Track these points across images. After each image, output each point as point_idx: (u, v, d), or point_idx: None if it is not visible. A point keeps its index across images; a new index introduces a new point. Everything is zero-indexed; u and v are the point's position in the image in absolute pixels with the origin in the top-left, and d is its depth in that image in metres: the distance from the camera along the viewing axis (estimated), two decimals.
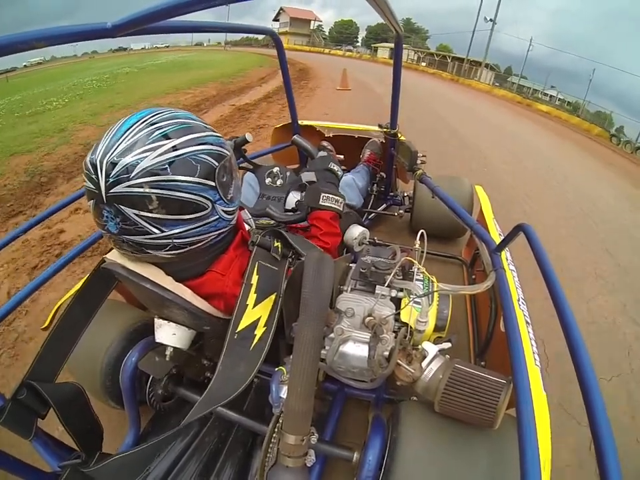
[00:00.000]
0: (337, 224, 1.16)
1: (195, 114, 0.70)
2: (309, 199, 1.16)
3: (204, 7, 0.44)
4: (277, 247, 0.81)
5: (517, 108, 11.81)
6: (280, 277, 0.79)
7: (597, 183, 4.45)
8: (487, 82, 17.98)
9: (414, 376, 0.73)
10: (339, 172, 1.28)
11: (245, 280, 0.75)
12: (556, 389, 1.36)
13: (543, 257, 0.74)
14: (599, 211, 3.27)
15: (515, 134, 6.51)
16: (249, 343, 0.72)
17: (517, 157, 4.67)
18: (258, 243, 0.80)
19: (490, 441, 0.70)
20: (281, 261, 0.82)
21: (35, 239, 2.33)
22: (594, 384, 0.50)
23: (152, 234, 0.62)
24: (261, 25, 1.53)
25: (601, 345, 1.66)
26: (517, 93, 15.22)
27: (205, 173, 0.63)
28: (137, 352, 0.96)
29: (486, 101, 11.67)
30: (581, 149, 7.10)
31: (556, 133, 8.19)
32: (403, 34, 1.26)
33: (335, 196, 1.17)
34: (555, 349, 1.51)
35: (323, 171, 1.24)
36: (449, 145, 4.68)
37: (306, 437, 0.71)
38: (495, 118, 8.07)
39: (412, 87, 10.31)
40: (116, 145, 0.58)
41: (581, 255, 2.44)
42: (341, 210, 1.18)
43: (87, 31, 0.48)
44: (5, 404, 0.69)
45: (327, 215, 1.14)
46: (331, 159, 1.30)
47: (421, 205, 1.96)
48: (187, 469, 0.91)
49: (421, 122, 5.68)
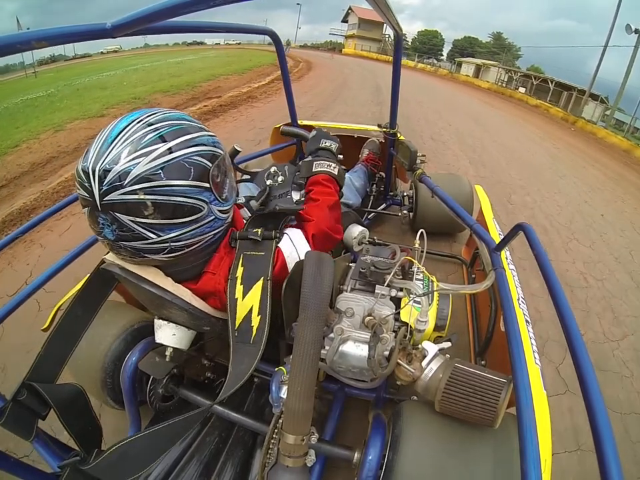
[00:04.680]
0: (331, 185, 1.11)
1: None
2: (304, 172, 1.14)
3: (204, 7, 0.44)
4: (257, 232, 0.78)
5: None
6: (266, 261, 0.76)
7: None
8: (593, 119, 11.20)
9: (414, 375, 0.73)
10: (332, 146, 1.23)
11: (230, 275, 0.74)
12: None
13: (543, 256, 0.74)
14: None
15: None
16: (249, 336, 0.71)
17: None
18: (238, 237, 0.79)
19: (490, 440, 0.70)
20: (264, 243, 0.79)
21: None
22: (594, 383, 0.50)
23: (149, 239, 0.62)
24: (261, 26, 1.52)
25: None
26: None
27: (198, 175, 0.63)
28: (137, 352, 0.96)
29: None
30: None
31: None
32: (402, 33, 1.26)
33: (326, 161, 1.14)
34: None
35: (316, 150, 1.22)
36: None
37: (306, 437, 0.71)
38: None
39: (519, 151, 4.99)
40: (108, 151, 0.57)
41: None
42: (335, 173, 1.14)
43: (86, 31, 0.48)
44: (5, 405, 0.68)
45: (319, 177, 1.11)
46: (323, 134, 1.26)
47: (424, 204, 1.96)
48: (187, 468, 0.91)
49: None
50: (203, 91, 7.40)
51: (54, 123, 5.10)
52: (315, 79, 10.28)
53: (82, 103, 6.58)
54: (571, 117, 11.02)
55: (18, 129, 5.13)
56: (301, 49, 33.31)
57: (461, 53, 36.35)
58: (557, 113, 11.88)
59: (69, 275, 1.09)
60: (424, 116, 6.32)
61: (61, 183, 3.13)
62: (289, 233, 0.88)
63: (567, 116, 11.24)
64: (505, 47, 37.11)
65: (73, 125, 4.99)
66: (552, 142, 6.49)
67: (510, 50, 36.58)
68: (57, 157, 3.86)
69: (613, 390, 1.47)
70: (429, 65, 26.29)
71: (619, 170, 5.50)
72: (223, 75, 9.57)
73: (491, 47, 37.78)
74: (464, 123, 6.31)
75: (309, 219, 0.95)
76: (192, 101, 6.45)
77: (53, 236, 2.35)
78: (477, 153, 4.49)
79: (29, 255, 2.17)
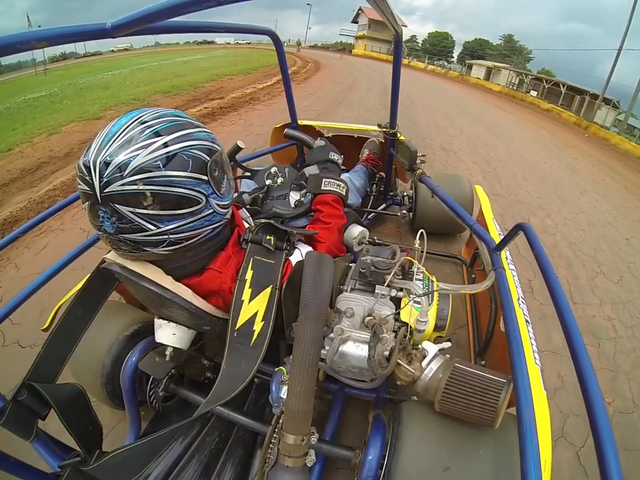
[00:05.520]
0: (339, 206, 1.16)
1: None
2: (312, 187, 1.17)
3: (204, 7, 0.44)
4: (270, 240, 0.81)
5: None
6: (276, 270, 0.79)
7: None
8: (605, 124, 11.47)
9: (414, 375, 0.73)
10: (339, 160, 1.28)
11: (239, 276, 0.76)
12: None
13: (543, 256, 0.74)
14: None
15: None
16: (249, 340, 0.72)
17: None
18: (250, 240, 0.80)
19: (490, 440, 0.70)
20: (276, 253, 0.81)
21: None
22: (594, 383, 0.50)
23: (148, 231, 0.63)
24: (261, 26, 1.52)
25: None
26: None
27: (197, 168, 0.64)
28: (137, 352, 0.96)
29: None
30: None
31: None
32: (402, 33, 1.26)
33: (336, 180, 1.17)
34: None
35: (324, 162, 1.24)
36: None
37: (306, 437, 0.71)
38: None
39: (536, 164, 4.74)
40: (108, 145, 0.59)
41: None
42: (344, 194, 1.19)
43: (86, 31, 0.48)
44: (5, 405, 0.68)
45: (328, 197, 1.15)
46: (330, 147, 1.29)
47: (423, 204, 1.96)
48: (187, 469, 0.91)
49: None
50: (205, 91, 7.33)
51: (49, 126, 5.05)
52: (321, 80, 10.15)
53: (81, 104, 6.55)
54: (584, 122, 10.87)
55: (15, 131, 5.09)
56: (310, 49, 33.32)
57: (471, 55, 35.75)
58: (569, 117, 11.74)
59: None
60: (433, 122, 6.07)
61: (48, 191, 3.02)
62: (301, 249, 0.92)
63: (580, 121, 11.07)
64: (516, 49, 36.56)
65: (67, 127, 4.93)
66: (569, 151, 6.29)
67: (521, 52, 36.24)
68: (47, 163, 3.78)
69: (638, 474, 1.20)
70: (439, 66, 25.92)
71: (638, 182, 5.38)
72: (227, 75, 9.51)
73: (502, 49, 37.37)
74: (476, 130, 6.08)
75: (321, 241, 1.02)
76: (192, 103, 6.37)
77: (28, 254, 2.17)
78: (492, 165, 4.22)
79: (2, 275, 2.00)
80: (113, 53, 32.13)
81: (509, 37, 40.06)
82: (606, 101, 12.76)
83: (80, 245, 1.11)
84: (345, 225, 1.21)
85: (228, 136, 4.32)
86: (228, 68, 11.19)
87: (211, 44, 40.12)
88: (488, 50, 38.06)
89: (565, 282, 2.21)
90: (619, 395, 1.51)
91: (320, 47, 38.65)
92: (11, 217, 2.64)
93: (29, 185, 3.31)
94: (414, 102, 7.77)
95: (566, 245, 2.68)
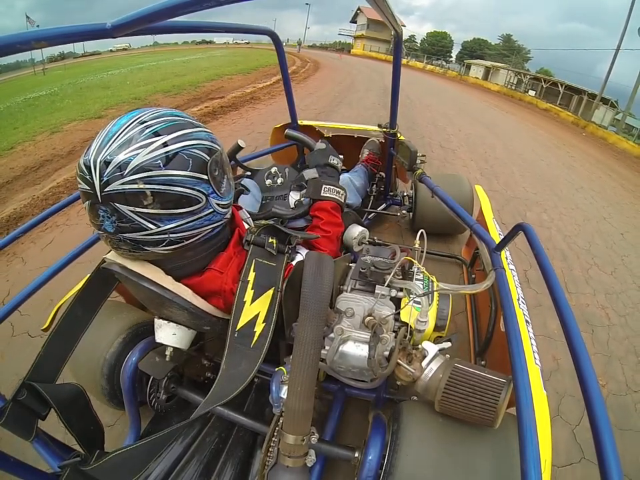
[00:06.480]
0: (338, 214, 1.17)
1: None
2: (311, 191, 1.17)
3: (204, 7, 0.44)
4: (272, 243, 0.81)
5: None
6: (278, 272, 0.79)
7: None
8: (603, 123, 11.25)
9: (414, 375, 0.73)
10: (338, 165, 1.27)
11: (242, 277, 0.76)
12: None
13: (543, 256, 0.74)
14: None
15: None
16: (250, 341, 0.73)
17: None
18: (252, 241, 0.80)
19: (490, 440, 0.70)
20: (278, 256, 0.82)
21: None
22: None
23: (148, 230, 0.63)
24: (261, 26, 1.52)
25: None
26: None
27: (197, 167, 0.64)
28: (137, 352, 0.96)
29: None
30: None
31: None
32: (402, 33, 1.26)
33: (336, 187, 1.18)
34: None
35: (324, 166, 1.24)
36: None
37: (306, 437, 0.71)
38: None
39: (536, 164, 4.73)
40: (108, 145, 0.59)
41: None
42: (343, 201, 1.19)
43: (86, 31, 0.48)
44: (5, 405, 0.68)
45: (328, 204, 1.15)
46: (331, 151, 1.29)
47: (423, 204, 1.96)
48: (187, 469, 0.91)
49: None
50: (206, 91, 7.33)
51: (51, 124, 5.08)
52: (321, 80, 10.13)
53: (82, 103, 6.57)
54: (582, 121, 10.91)
55: (16, 130, 5.11)
56: (309, 49, 33.29)
57: (470, 54, 35.89)
58: (567, 117, 11.77)
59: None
60: (432, 121, 6.14)
61: (52, 188, 3.05)
62: (303, 254, 0.92)
63: (578, 120, 11.11)
64: (515, 49, 36.62)
65: (69, 126, 4.96)
66: (566, 150, 6.33)
67: (519, 52, 36.23)
68: (50, 160, 3.81)
69: (633, 453, 1.24)
70: (437, 66, 25.78)
71: (634, 180, 5.41)
72: (227, 75, 9.51)
73: (501, 49, 37.33)
74: (474, 129, 6.16)
75: (322, 249, 1.04)
76: (193, 102, 6.39)
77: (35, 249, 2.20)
78: (489, 163, 4.30)
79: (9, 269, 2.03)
80: (112, 52, 32.18)
81: (508, 37, 40.62)
82: (604, 101, 12.74)
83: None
84: (344, 225, 1.22)
85: (230, 134, 4.36)
86: (227, 68, 11.21)
87: (209, 44, 40.20)
88: (486, 50, 38.11)
89: (559, 273, 2.26)
90: (612, 378, 1.56)
91: (318, 47, 38.78)
92: (15, 214, 2.66)
93: (32, 183, 3.32)
94: (413, 102, 7.79)
95: (561, 239, 2.74)
